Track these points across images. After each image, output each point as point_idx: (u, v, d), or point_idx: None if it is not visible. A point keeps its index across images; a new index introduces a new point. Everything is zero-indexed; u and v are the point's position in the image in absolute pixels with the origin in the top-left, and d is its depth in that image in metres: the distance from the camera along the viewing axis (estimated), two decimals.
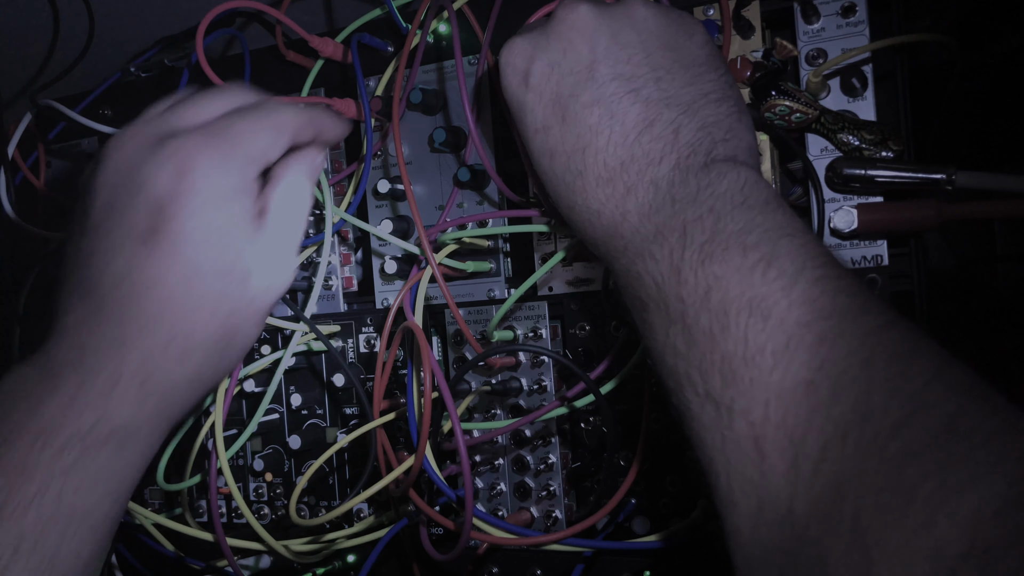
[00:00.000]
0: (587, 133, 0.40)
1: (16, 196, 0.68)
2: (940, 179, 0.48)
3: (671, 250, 0.37)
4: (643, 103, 0.40)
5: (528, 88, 0.42)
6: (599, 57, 0.41)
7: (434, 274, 0.55)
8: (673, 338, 0.37)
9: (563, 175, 0.41)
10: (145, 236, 0.42)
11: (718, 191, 0.37)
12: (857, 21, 0.51)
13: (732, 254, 0.35)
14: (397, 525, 0.59)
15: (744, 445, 0.33)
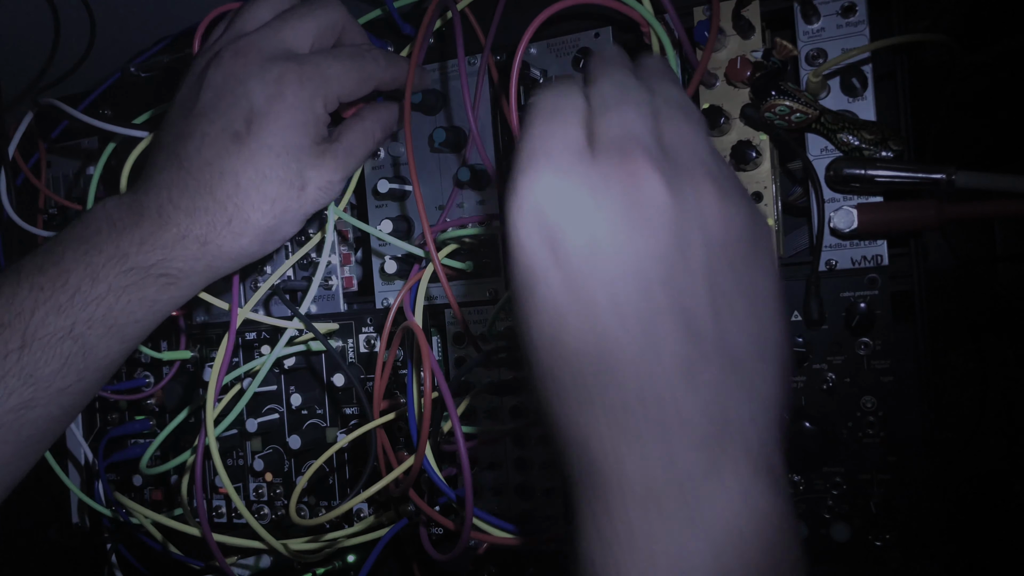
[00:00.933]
0: (615, 365, 0.31)
1: (16, 196, 0.68)
2: (940, 179, 0.48)
3: None
4: (700, 357, 0.31)
5: (556, 261, 0.31)
6: (657, 280, 0.31)
7: (436, 272, 0.55)
8: None
9: (568, 386, 0.32)
10: (237, 135, 0.52)
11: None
12: (857, 21, 0.51)
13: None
14: (397, 525, 0.59)
15: None
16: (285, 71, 0.52)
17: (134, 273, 0.52)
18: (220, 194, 0.52)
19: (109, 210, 0.53)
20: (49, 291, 0.50)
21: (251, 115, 0.52)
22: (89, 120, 0.60)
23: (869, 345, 0.52)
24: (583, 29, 0.57)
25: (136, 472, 0.78)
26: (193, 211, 0.52)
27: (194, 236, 0.52)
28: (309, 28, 0.55)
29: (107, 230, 0.52)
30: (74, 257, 0.51)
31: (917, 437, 0.52)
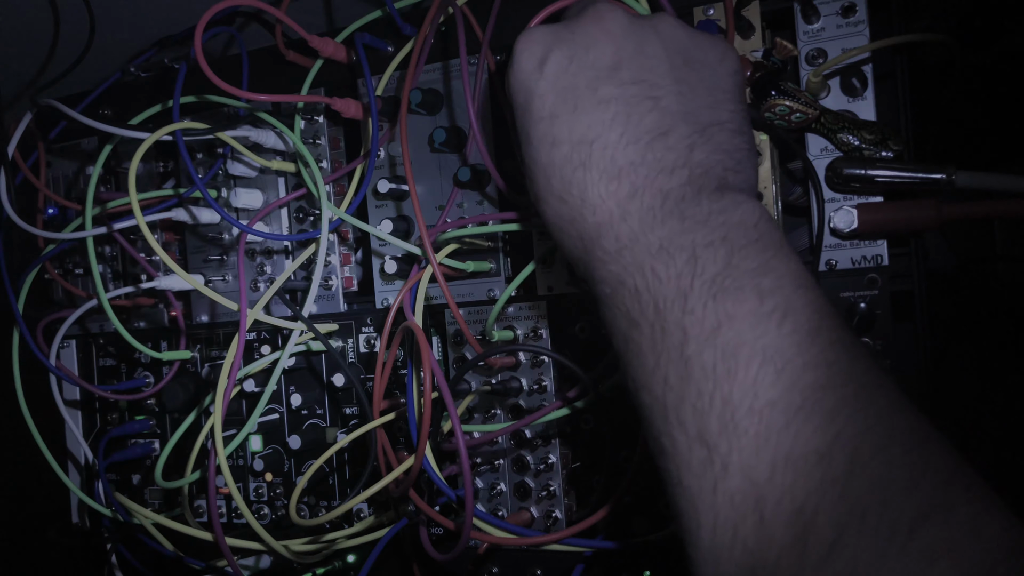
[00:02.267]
0: (599, 126, 0.39)
1: (16, 196, 0.68)
2: (940, 179, 0.48)
3: (679, 273, 0.35)
4: (661, 111, 0.39)
5: (542, 75, 0.40)
6: (624, 59, 0.40)
7: (435, 274, 0.55)
8: (665, 367, 0.35)
9: (563, 165, 0.39)
10: None
11: (731, 220, 0.36)
12: (857, 21, 0.51)
13: (747, 295, 0.34)
14: (397, 525, 0.59)
15: (741, 503, 0.32)
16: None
17: None
18: None
19: None
20: None
21: None
22: (87, 121, 0.60)
23: (869, 345, 0.52)
24: None
25: (136, 472, 0.78)
26: None
27: None
28: None
29: None
30: None
31: None
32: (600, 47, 0.40)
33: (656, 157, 0.38)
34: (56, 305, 0.79)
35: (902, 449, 0.30)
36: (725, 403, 0.33)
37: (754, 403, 0.32)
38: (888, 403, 0.32)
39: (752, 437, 0.32)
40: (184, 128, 0.60)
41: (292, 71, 0.66)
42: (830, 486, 0.30)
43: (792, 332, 0.33)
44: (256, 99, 0.58)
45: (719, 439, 0.32)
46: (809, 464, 0.31)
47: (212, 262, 0.71)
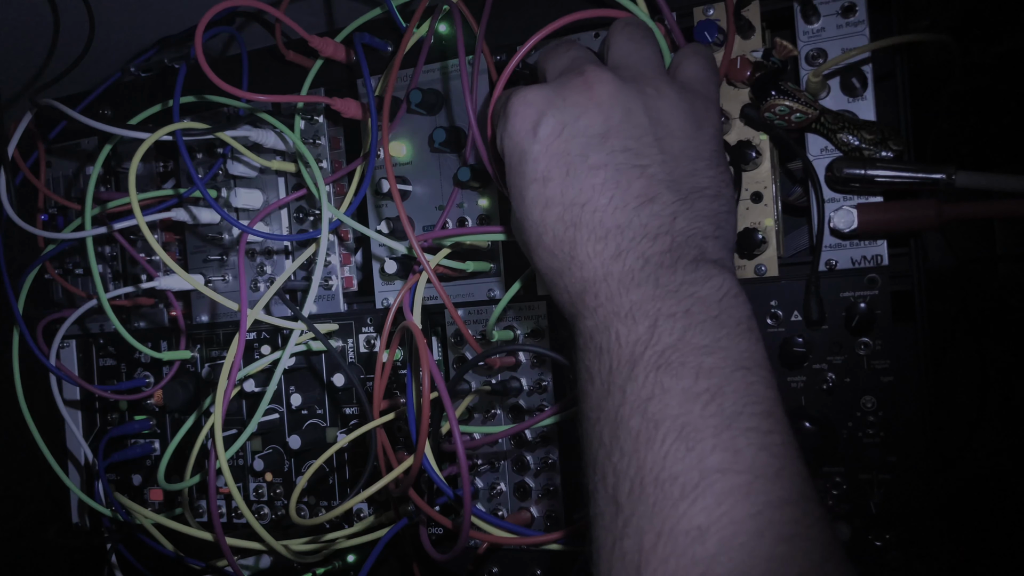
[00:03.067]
0: (590, 190, 0.41)
1: (16, 196, 0.68)
2: (940, 179, 0.48)
3: (636, 339, 0.38)
4: (648, 179, 0.42)
5: (536, 138, 0.43)
6: (612, 128, 0.42)
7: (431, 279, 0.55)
8: (602, 425, 0.38)
9: (555, 224, 0.42)
10: None
11: (698, 293, 0.39)
12: (857, 21, 0.51)
13: (686, 372, 0.37)
14: (397, 525, 0.59)
15: (628, 564, 0.35)
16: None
17: None
18: None
19: None
20: None
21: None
22: (87, 121, 0.60)
23: (869, 345, 0.52)
24: (583, 30, 0.57)
25: (136, 472, 0.78)
26: None
27: None
28: None
29: None
30: None
31: (917, 437, 0.52)
32: (590, 116, 0.42)
33: (642, 222, 0.41)
34: (56, 305, 0.79)
35: (773, 541, 0.33)
36: (639, 469, 0.36)
37: (660, 474, 0.35)
38: (780, 496, 0.34)
39: (650, 505, 0.35)
40: (184, 128, 0.60)
41: (292, 71, 0.66)
42: (696, 566, 0.33)
43: (713, 415, 0.36)
44: (256, 99, 0.58)
45: (626, 500, 0.35)
46: (686, 541, 0.33)
47: (212, 262, 0.71)
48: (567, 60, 0.46)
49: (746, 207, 0.54)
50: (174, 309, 0.72)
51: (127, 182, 0.58)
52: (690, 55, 0.48)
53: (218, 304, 0.67)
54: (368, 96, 0.59)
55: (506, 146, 0.44)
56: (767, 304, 0.54)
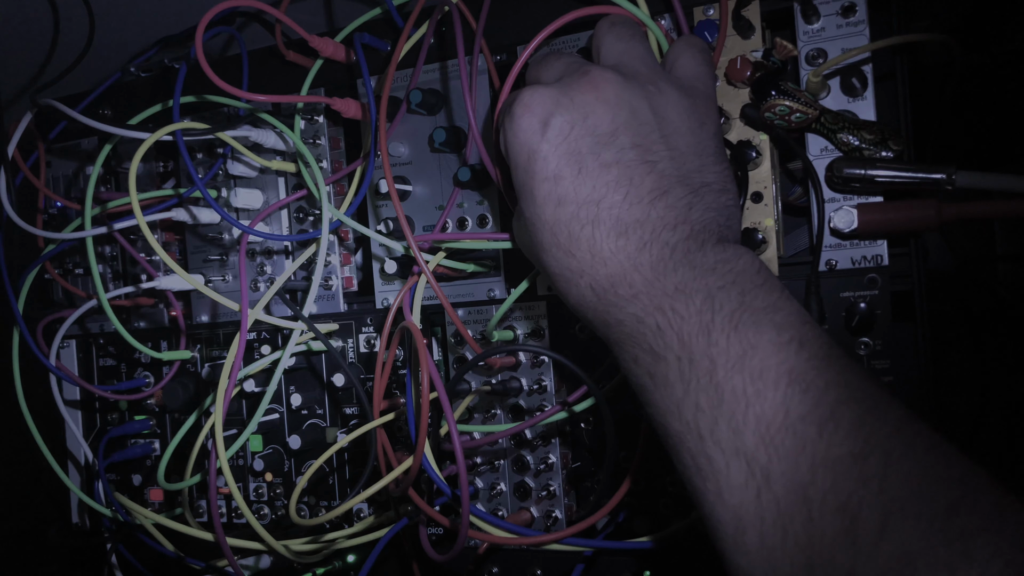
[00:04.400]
0: (603, 187, 0.42)
1: (16, 196, 0.68)
2: (940, 179, 0.48)
3: (699, 310, 0.39)
4: (658, 175, 0.42)
5: (544, 137, 0.43)
6: (620, 126, 0.43)
7: (428, 281, 0.55)
8: (695, 394, 0.38)
9: (569, 223, 0.42)
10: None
11: (736, 268, 0.40)
12: (857, 21, 0.51)
13: (765, 328, 0.38)
14: (397, 525, 0.59)
15: (787, 505, 0.35)
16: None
17: None
18: None
19: None
20: None
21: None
22: (87, 121, 0.60)
23: (869, 345, 0.52)
24: (583, 30, 0.57)
25: (136, 472, 0.78)
26: None
27: None
28: None
29: None
30: None
31: None
32: (598, 115, 0.43)
33: (659, 215, 0.42)
34: (56, 305, 0.79)
35: (924, 449, 0.34)
36: (759, 420, 0.36)
37: (786, 419, 0.36)
38: (903, 414, 0.35)
39: (789, 447, 0.35)
40: (184, 128, 0.60)
41: (292, 71, 0.66)
42: (869, 482, 0.33)
43: (810, 358, 0.37)
44: (256, 99, 0.58)
45: (757, 452, 0.36)
46: (846, 465, 0.34)
47: (212, 262, 0.71)
48: (562, 65, 0.46)
49: (746, 207, 0.54)
50: (174, 309, 0.72)
51: (127, 182, 0.59)
52: (685, 49, 0.48)
53: (218, 304, 0.67)
54: (368, 96, 0.59)
55: (512, 146, 0.44)
56: None
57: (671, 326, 0.39)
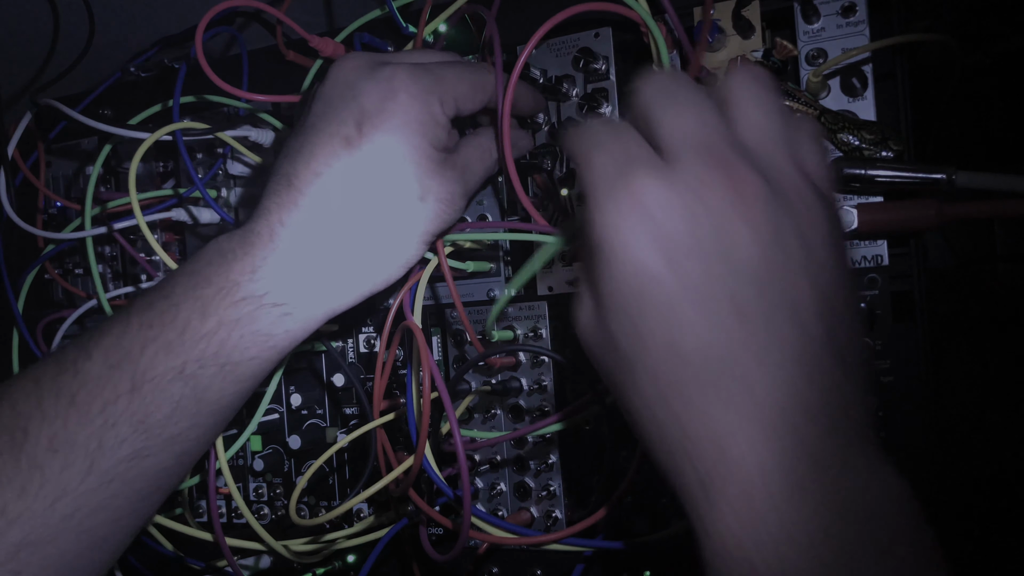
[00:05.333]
0: None
1: (16, 196, 0.68)
2: (940, 179, 0.48)
3: None
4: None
5: (669, 263, 0.32)
6: (767, 262, 0.32)
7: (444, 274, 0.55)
8: None
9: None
10: (347, 140, 0.47)
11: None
12: (857, 21, 0.51)
13: None
14: (397, 525, 0.59)
15: None
16: (396, 69, 0.48)
17: (246, 304, 0.47)
18: (331, 207, 0.48)
19: (220, 243, 0.49)
20: (158, 328, 0.46)
21: (362, 117, 0.47)
22: (87, 121, 0.60)
23: (869, 345, 0.52)
24: (583, 29, 0.57)
25: None
26: (303, 229, 0.48)
27: (305, 258, 0.48)
28: (431, 57, 0.54)
29: (218, 261, 0.48)
30: (183, 292, 0.47)
31: (917, 437, 0.52)
32: (742, 244, 0.32)
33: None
34: (56, 305, 0.79)
35: None
36: None
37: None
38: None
39: None
40: (184, 128, 0.60)
41: (292, 71, 0.66)
42: None
43: None
44: (256, 99, 0.58)
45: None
46: None
47: None
48: (635, 147, 0.34)
49: None
50: None
51: (127, 182, 0.59)
52: (803, 131, 0.37)
53: None
54: None
55: (610, 265, 0.33)
56: None
57: None
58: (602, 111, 0.57)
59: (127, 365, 0.46)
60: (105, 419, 0.45)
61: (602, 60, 0.57)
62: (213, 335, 0.46)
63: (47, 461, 0.45)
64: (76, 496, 0.45)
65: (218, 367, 0.47)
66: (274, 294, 0.48)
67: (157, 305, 0.47)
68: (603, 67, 0.57)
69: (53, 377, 0.46)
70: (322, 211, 0.48)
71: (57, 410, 0.45)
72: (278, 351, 0.49)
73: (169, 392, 0.46)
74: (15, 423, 0.45)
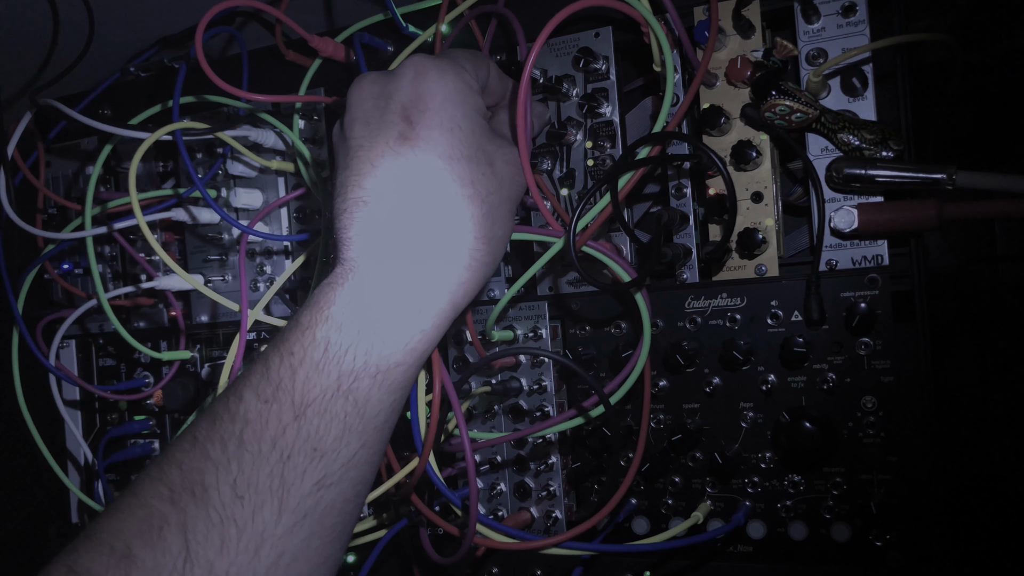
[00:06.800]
0: None
1: (16, 196, 0.68)
2: (940, 179, 0.48)
3: None
4: None
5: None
6: None
7: None
8: None
9: None
10: (402, 136, 0.47)
11: None
12: (857, 21, 0.51)
13: None
14: (397, 526, 0.59)
15: None
16: (413, 60, 0.49)
17: None
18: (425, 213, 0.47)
19: (325, 277, 0.48)
20: (300, 354, 0.45)
21: (406, 110, 0.47)
22: (87, 121, 0.60)
23: (869, 345, 0.52)
24: (583, 29, 0.57)
25: (136, 472, 0.78)
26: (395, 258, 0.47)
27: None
28: None
29: (328, 287, 0.47)
30: (310, 316, 0.46)
31: (917, 437, 0.52)
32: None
33: None
34: (56, 305, 0.79)
35: None
36: None
37: None
38: None
39: None
40: (184, 128, 0.60)
41: (292, 71, 0.66)
42: None
43: None
44: (256, 99, 0.58)
45: None
46: None
47: (212, 262, 0.70)
48: None
49: (746, 207, 0.54)
50: (174, 309, 0.72)
51: (127, 182, 0.58)
52: None
53: (218, 304, 0.67)
54: None
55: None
56: (767, 304, 0.54)
57: None
58: (602, 111, 0.57)
59: (283, 395, 0.45)
60: (279, 454, 0.44)
61: (602, 60, 0.57)
62: (356, 346, 0.45)
63: (236, 510, 0.43)
64: (275, 540, 0.44)
65: (371, 378, 0.46)
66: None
67: (291, 334, 0.46)
68: (603, 67, 0.57)
69: (209, 429, 0.45)
70: (408, 208, 0.47)
71: (227, 456, 0.44)
72: (417, 355, 0.48)
73: (333, 411, 0.45)
74: (191, 480, 0.43)
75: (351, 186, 0.47)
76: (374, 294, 0.46)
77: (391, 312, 0.46)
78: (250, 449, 0.44)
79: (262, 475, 0.43)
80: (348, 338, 0.45)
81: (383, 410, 0.47)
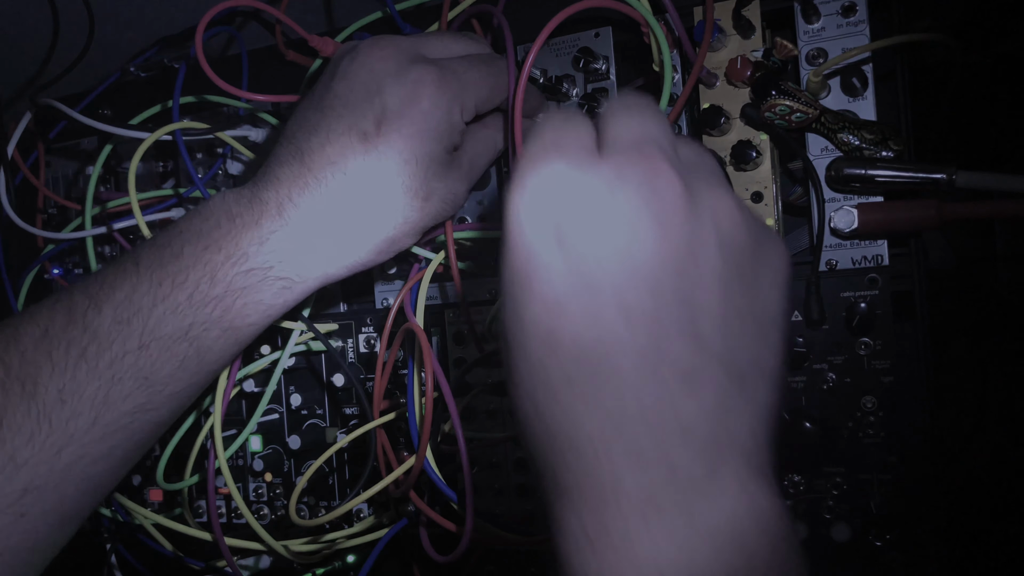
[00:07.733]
0: None
1: (16, 196, 0.68)
2: (940, 179, 0.48)
3: None
4: None
5: (562, 249, 0.30)
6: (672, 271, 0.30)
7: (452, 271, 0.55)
8: None
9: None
10: (364, 135, 0.49)
11: None
12: (857, 21, 0.51)
13: None
14: (397, 525, 0.59)
15: None
16: (424, 74, 0.49)
17: (253, 275, 0.49)
18: (339, 197, 0.50)
19: (228, 203, 0.50)
20: (168, 288, 0.48)
21: (383, 116, 0.48)
22: (87, 121, 0.60)
23: (869, 345, 0.52)
24: (583, 29, 0.57)
25: (135, 472, 0.78)
26: (315, 214, 0.50)
27: (318, 238, 0.50)
28: (458, 49, 0.54)
29: (226, 225, 0.49)
30: (193, 253, 0.48)
31: (917, 437, 0.52)
32: (643, 240, 0.30)
33: None
34: None
35: None
36: None
37: None
38: None
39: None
40: (184, 128, 0.60)
41: (292, 71, 0.66)
42: None
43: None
44: (256, 99, 0.58)
45: None
46: None
47: None
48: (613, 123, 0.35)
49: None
50: None
51: (127, 182, 0.59)
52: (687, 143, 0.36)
53: None
54: None
55: (509, 239, 0.32)
56: None
57: None
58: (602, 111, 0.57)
59: (136, 323, 0.47)
60: (113, 374, 0.47)
61: (602, 60, 0.57)
62: (219, 301, 0.48)
63: (55, 412, 0.47)
64: (80, 445, 0.47)
65: (221, 331, 0.49)
66: (279, 269, 0.50)
67: (168, 265, 0.48)
68: (603, 67, 0.57)
69: (63, 328, 0.48)
70: (330, 197, 0.49)
71: (67, 362, 0.47)
72: (272, 319, 0.52)
73: (174, 352, 0.48)
74: (26, 372, 0.47)
75: (307, 137, 0.50)
76: (261, 261, 0.49)
77: (266, 283, 0.50)
78: (89, 363, 0.47)
79: (90, 388, 0.47)
80: (215, 292, 0.48)
81: (223, 358, 0.51)
